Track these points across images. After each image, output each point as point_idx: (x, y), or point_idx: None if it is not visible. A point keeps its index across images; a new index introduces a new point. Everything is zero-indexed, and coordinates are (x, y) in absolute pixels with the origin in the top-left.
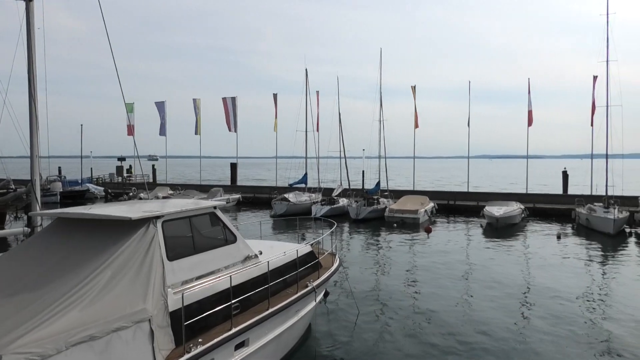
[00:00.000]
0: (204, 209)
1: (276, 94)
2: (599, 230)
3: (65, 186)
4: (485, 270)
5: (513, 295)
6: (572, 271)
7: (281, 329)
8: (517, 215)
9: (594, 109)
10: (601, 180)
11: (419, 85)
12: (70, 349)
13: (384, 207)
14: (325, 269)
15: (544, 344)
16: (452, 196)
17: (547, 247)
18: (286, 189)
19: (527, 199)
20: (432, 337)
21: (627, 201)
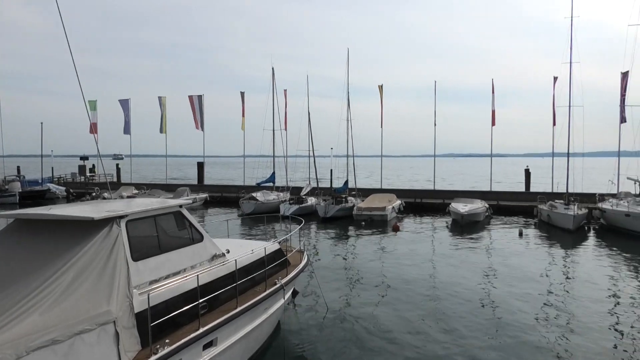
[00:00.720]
0: (169, 208)
1: (244, 92)
2: (560, 226)
3: (25, 186)
4: (451, 267)
5: (478, 291)
6: (534, 266)
7: (250, 328)
8: (482, 213)
9: (554, 109)
10: (562, 178)
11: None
12: (31, 354)
13: (352, 206)
14: (294, 267)
15: (506, 337)
16: (419, 194)
17: (510, 243)
18: (254, 188)
19: (491, 197)
20: (399, 334)
21: (586, 198)
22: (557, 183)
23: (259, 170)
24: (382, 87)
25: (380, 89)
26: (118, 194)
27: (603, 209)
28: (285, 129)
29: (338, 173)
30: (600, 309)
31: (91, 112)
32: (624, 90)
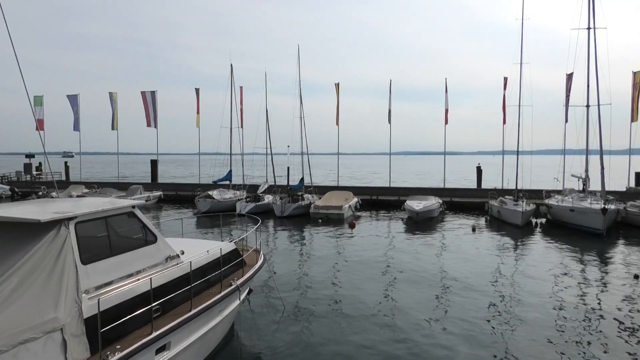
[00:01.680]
0: (121, 208)
1: (198, 89)
2: (509, 221)
3: None
4: (407, 263)
5: (432, 286)
6: (486, 260)
7: (204, 330)
8: (436, 209)
9: (505, 108)
10: (512, 175)
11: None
12: None
13: (308, 204)
14: (250, 267)
15: (459, 331)
16: (375, 191)
17: (463, 238)
18: (210, 186)
19: (444, 194)
20: (356, 332)
21: (534, 194)
22: (507, 180)
23: (215, 168)
24: (339, 85)
25: (336, 87)
26: (67, 194)
27: (549, 205)
28: (242, 126)
29: (295, 171)
30: (546, 300)
31: (37, 108)
32: (569, 92)
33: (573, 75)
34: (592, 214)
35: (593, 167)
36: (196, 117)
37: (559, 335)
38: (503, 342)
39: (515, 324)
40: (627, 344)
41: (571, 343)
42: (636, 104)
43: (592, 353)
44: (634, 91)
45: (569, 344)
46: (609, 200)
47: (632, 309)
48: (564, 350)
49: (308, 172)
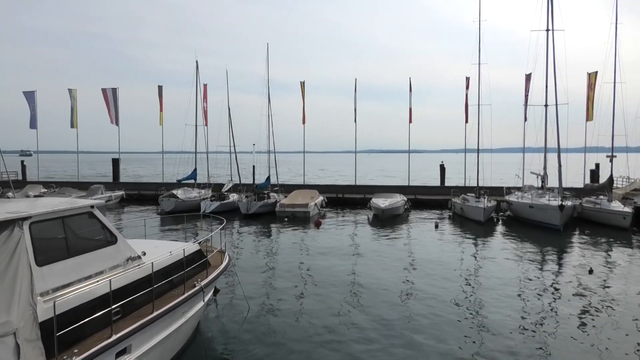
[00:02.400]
0: (79, 208)
1: (161, 86)
2: (471, 218)
3: None
4: (372, 260)
5: (398, 282)
6: (449, 256)
7: (167, 332)
8: (401, 207)
9: (467, 107)
10: (474, 172)
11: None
12: None
13: (274, 202)
14: (214, 267)
15: (426, 324)
16: (341, 189)
17: (427, 235)
18: (174, 185)
19: (409, 191)
20: (321, 330)
21: (495, 191)
22: (469, 177)
23: (179, 166)
24: (304, 84)
25: (302, 85)
26: (23, 194)
27: (510, 201)
28: (206, 124)
29: (260, 169)
30: (508, 292)
31: None
32: (527, 91)
33: (532, 76)
34: (550, 210)
35: (551, 164)
36: (159, 115)
37: (519, 326)
38: (467, 335)
39: (478, 317)
40: (582, 334)
41: (531, 333)
42: (591, 103)
43: (550, 344)
44: (588, 91)
45: (528, 334)
46: (566, 197)
47: (587, 301)
48: (524, 340)
49: (274, 171)
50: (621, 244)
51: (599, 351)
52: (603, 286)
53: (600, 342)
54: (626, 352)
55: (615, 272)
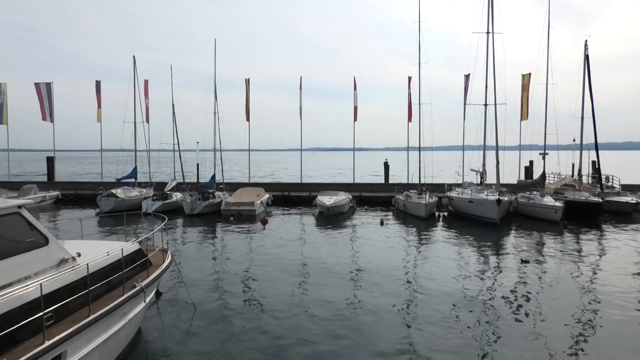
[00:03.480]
0: (5, 209)
1: (99, 82)
2: (414, 214)
3: None
4: (319, 257)
5: (344, 278)
6: (393, 251)
7: (105, 336)
8: (346, 204)
9: (410, 106)
10: (416, 170)
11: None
12: None
13: (219, 201)
14: (156, 267)
15: (372, 318)
16: (287, 187)
17: (372, 231)
18: (113, 184)
19: (354, 189)
20: (269, 329)
21: (436, 188)
22: (411, 174)
23: (119, 165)
24: (249, 81)
25: (246, 82)
26: None
27: (451, 197)
28: (148, 121)
29: (205, 168)
30: (448, 285)
31: None
32: (467, 91)
33: (472, 76)
34: (488, 204)
35: (489, 161)
36: (97, 111)
37: (459, 315)
38: (411, 327)
39: (421, 308)
40: (517, 322)
41: (471, 323)
42: (525, 104)
43: (489, 332)
44: (523, 92)
45: (469, 324)
46: (503, 192)
47: (522, 289)
48: (462, 330)
49: (220, 169)
50: (553, 236)
51: (536, 337)
52: (537, 275)
53: (537, 328)
54: (561, 337)
55: (548, 262)
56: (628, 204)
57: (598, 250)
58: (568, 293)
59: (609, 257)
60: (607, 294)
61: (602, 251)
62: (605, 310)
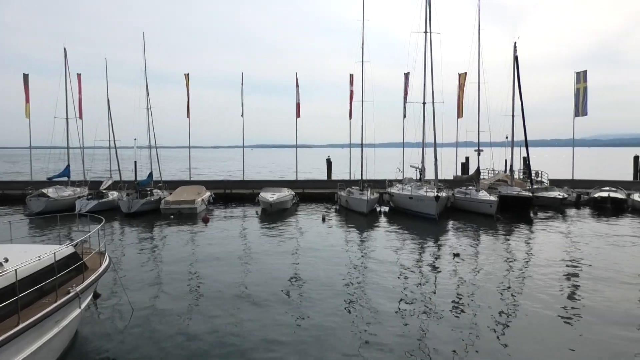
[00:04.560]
0: None
1: (27, 75)
2: (356, 210)
3: None
4: (262, 254)
5: (287, 275)
6: (335, 247)
7: (38, 344)
8: (289, 201)
9: (351, 103)
10: (358, 166)
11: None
12: None
13: (158, 199)
14: (92, 271)
15: (312, 317)
16: (229, 185)
17: (315, 227)
18: (44, 183)
19: (297, 185)
20: (209, 330)
21: (378, 184)
22: (354, 171)
23: (50, 163)
24: (189, 76)
25: (186, 77)
26: None
27: (391, 193)
28: (81, 117)
29: (143, 165)
30: (389, 278)
31: None
32: (407, 90)
33: (411, 75)
34: (427, 201)
35: (428, 158)
36: (25, 106)
37: (401, 308)
38: (356, 321)
39: (363, 302)
40: (450, 313)
41: (408, 317)
42: (461, 102)
43: (425, 326)
44: (459, 91)
45: (409, 316)
46: (441, 188)
47: (456, 282)
48: (406, 322)
49: (158, 166)
50: (488, 229)
51: (469, 326)
52: (472, 268)
53: (470, 318)
54: (493, 327)
55: (483, 256)
56: (556, 198)
57: (528, 243)
58: (499, 285)
59: (538, 250)
60: (533, 286)
61: (532, 244)
62: (529, 301)
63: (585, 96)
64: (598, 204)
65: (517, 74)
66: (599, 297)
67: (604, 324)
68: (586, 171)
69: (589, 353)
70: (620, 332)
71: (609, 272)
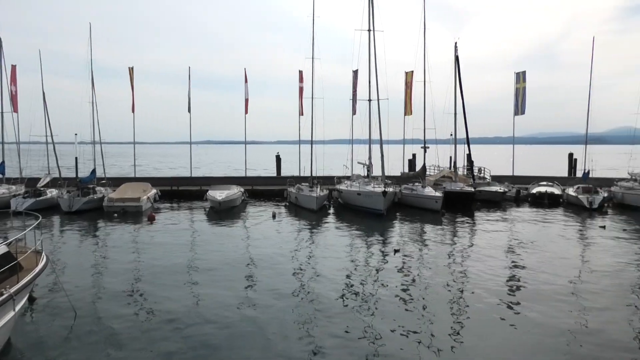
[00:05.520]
0: None
1: None
2: (306, 206)
3: None
4: (211, 253)
5: (235, 274)
6: (286, 244)
7: None
8: (238, 198)
9: (301, 100)
10: (308, 163)
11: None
12: None
13: (101, 197)
14: (28, 271)
15: (261, 315)
16: (176, 182)
17: (265, 225)
18: None
19: (246, 182)
20: (158, 330)
21: (327, 181)
22: (303, 168)
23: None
24: (133, 69)
25: (130, 71)
26: None
27: (340, 189)
28: (16, 111)
29: (85, 161)
30: (338, 273)
31: None
32: (355, 87)
33: (358, 72)
34: (374, 196)
35: (375, 155)
36: None
37: (346, 305)
38: (300, 320)
39: (313, 298)
40: (395, 307)
41: (357, 310)
42: (409, 100)
43: (372, 320)
44: (406, 88)
45: (354, 310)
46: (388, 184)
47: (401, 276)
48: (351, 317)
49: (101, 163)
50: (433, 224)
51: (414, 320)
52: (419, 262)
53: (419, 311)
54: (438, 320)
55: (429, 249)
56: (497, 193)
57: (471, 237)
58: (444, 279)
59: (480, 243)
60: (477, 278)
61: (475, 238)
62: (471, 294)
63: (524, 96)
64: (536, 198)
65: (458, 74)
66: (538, 285)
67: (545, 310)
68: (525, 168)
69: (532, 339)
70: (560, 315)
71: (546, 262)
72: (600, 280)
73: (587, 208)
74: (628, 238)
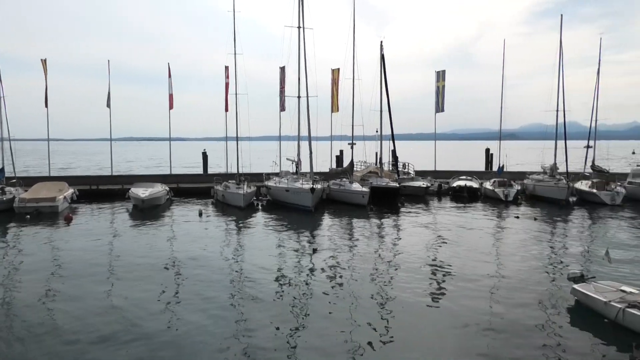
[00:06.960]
0: None
1: None
2: (233, 204)
3: None
4: (134, 253)
5: (163, 274)
6: (214, 242)
7: None
8: (163, 196)
9: (227, 96)
10: (235, 159)
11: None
12: None
13: (12, 197)
14: None
15: (190, 318)
16: (95, 180)
17: (191, 223)
18: None
19: (171, 180)
20: (72, 345)
21: (255, 178)
22: (230, 165)
23: None
24: (46, 62)
25: (43, 63)
26: None
27: (269, 186)
28: None
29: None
30: (267, 271)
31: None
32: (283, 83)
33: (286, 69)
34: (303, 193)
35: (304, 151)
36: None
37: (276, 301)
38: (238, 315)
39: (243, 295)
40: (325, 302)
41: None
42: (336, 97)
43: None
44: (333, 86)
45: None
46: (316, 181)
47: (328, 272)
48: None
49: (11, 161)
50: (360, 219)
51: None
52: (346, 258)
53: (347, 309)
54: (365, 315)
55: (356, 244)
56: (420, 188)
57: (397, 231)
58: (371, 272)
59: (405, 236)
60: (401, 272)
61: (401, 231)
62: (396, 289)
63: (444, 93)
64: (456, 192)
65: (384, 72)
66: (462, 274)
67: (469, 300)
68: (446, 162)
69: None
70: (481, 305)
71: (467, 252)
72: (514, 265)
73: (502, 200)
74: (538, 227)
